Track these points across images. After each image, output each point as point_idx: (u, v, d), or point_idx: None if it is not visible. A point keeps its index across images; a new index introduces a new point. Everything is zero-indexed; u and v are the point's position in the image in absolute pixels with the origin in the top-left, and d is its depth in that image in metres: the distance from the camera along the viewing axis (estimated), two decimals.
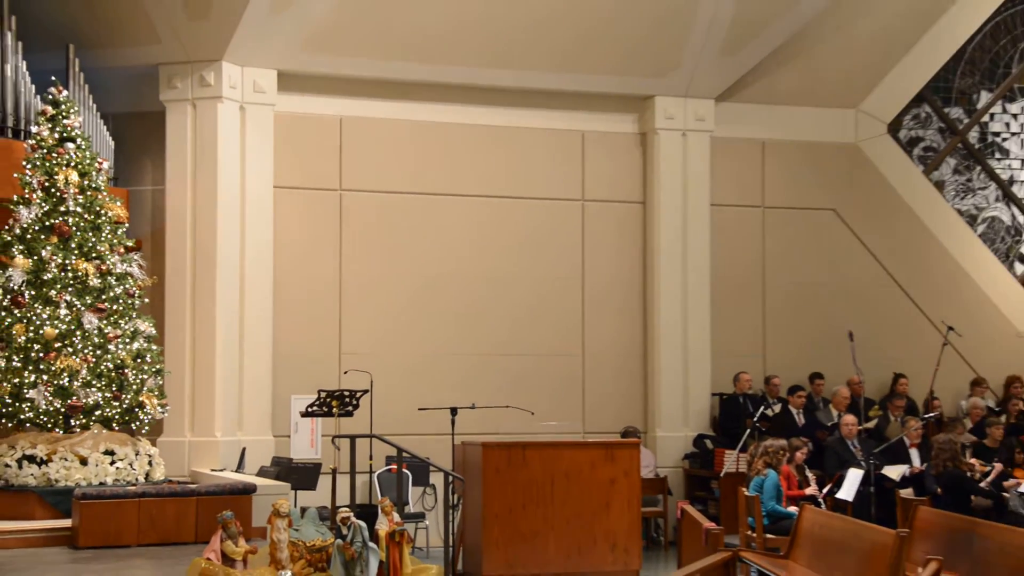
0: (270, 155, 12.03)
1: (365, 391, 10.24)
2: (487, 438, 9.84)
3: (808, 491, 10.72)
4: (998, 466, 11.11)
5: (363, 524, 7.56)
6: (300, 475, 10.73)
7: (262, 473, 10.90)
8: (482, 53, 12.23)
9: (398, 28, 11.85)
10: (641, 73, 12.79)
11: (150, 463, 10.42)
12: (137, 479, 10.18)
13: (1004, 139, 14.76)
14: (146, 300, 10.92)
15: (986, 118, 14.66)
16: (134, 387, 10.44)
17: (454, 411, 10.61)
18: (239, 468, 11.31)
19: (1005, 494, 10.87)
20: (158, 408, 10.63)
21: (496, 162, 12.84)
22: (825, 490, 10.79)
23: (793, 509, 9.68)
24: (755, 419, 11.97)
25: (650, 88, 12.98)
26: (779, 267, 13.65)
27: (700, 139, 13.22)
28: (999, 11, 14.57)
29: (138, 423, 10.55)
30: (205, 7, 11.32)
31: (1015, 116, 14.76)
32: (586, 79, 12.75)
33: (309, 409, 10.03)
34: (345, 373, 11.48)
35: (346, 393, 10.02)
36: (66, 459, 9.96)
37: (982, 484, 10.70)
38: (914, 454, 11.62)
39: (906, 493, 10.74)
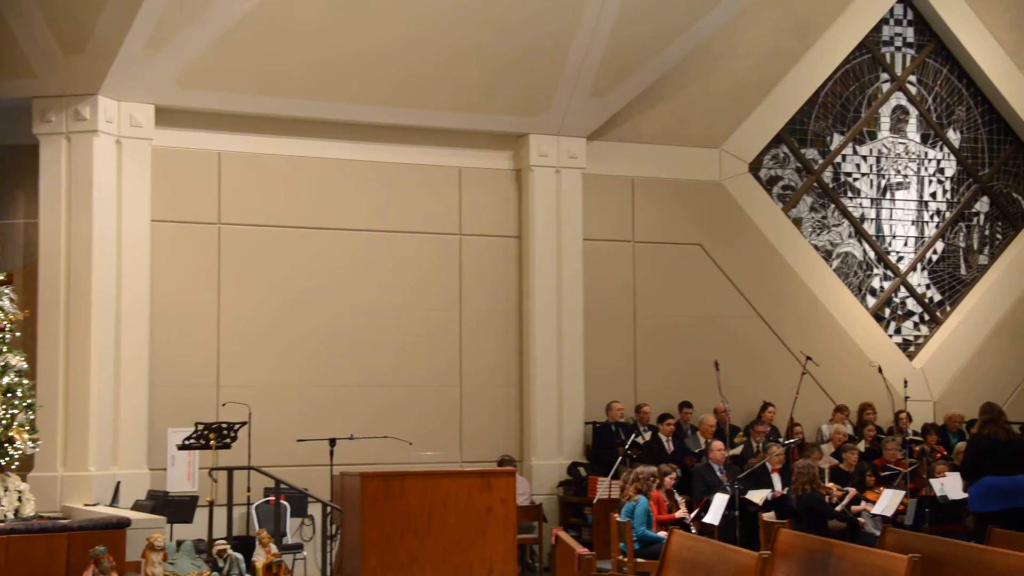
0: (147, 189, 11.76)
1: (243, 423, 10.09)
2: (366, 468, 9.82)
3: (677, 515, 10.85)
4: (851, 491, 11.44)
5: (240, 556, 7.39)
6: (176, 508, 10.44)
7: (137, 507, 10.56)
8: (360, 90, 12.20)
9: (276, 64, 11.74)
10: (515, 112, 12.91)
11: (19, 499, 9.97)
12: (5, 516, 9.74)
13: (855, 179, 15.30)
14: (17, 334, 10.49)
15: (839, 159, 15.18)
16: (3, 422, 10.00)
17: (332, 442, 10.58)
18: (113, 502, 10.94)
19: (860, 519, 11.20)
20: (29, 443, 10.19)
21: (375, 197, 12.79)
22: (693, 515, 10.93)
23: (663, 534, 9.78)
24: (626, 447, 12.08)
25: (524, 127, 13.11)
26: (649, 299, 13.85)
27: (573, 176, 13.37)
28: (848, 59, 15.14)
29: (7, 459, 10.10)
30: (80, 41, 11.04)
31: (864, 158, 15.33)
32: (462, 117, 12.81)
33: (186, 442, 9.81)
34: (223, 405, 11.25)
35: (224, 425, 9.86)
36: None
37: (838, 507, 11.00)
38: (776, 479, 11.86)
39: (768, 516, 10.95)
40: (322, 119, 12.41)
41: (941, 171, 15.63)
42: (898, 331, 15.35)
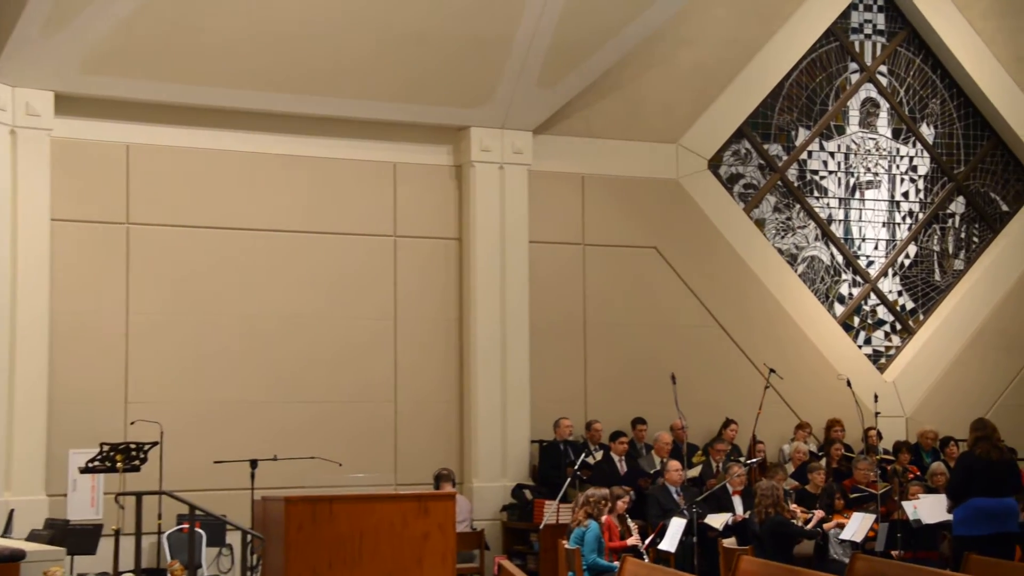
0: (46, 185, 11.60)
1: (154, 443, 10.00)
2: (290, 492, 9.76)
3: (630, 541, 10.91)
4: (819, 513, 11.58)
5: None
6: (78, 538, 10.33)
7: (33, 537, 10.41)
8: (284, 77, 12.13)
9: (190, 48, 11.63)
10: (455, 103, 12.91)
11: None
12: None
13: (822, 177, 15.50)
14: None
15: (804, 156, 15.37)
16: None
17: (254, 463, 10.55)
18: (6, 532, 10.79)
19: (823, 527, 11.34)
20: None
21: (301, 195, 12.73)
22: (648, 541, 10.99)
23: (615, 562, 9.82)
24: (576, 467, 12.12)
25: (465, 119, 13.11)
26: (600, 307, 13.91)
27: (518, 172, 13.40)
28: (814, 48, 15.33)
29: None
30: None
31: (832, 154, 15.53)
32: (397, 108, 12.78)
33: (90, 464, 9.71)
34: (132, 424, 11.14)
35: (132, 446, 9.78)
36: None
37: (808, 526, 11.12)
38: (737, 501, 11.96)
39: (729, 542, 11.04)
40: (242, 109, 12.32)
41: (914, 169, 15.90)
42: (868, 341, 15.57)
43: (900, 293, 15.76)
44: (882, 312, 15.67)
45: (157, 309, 12.13)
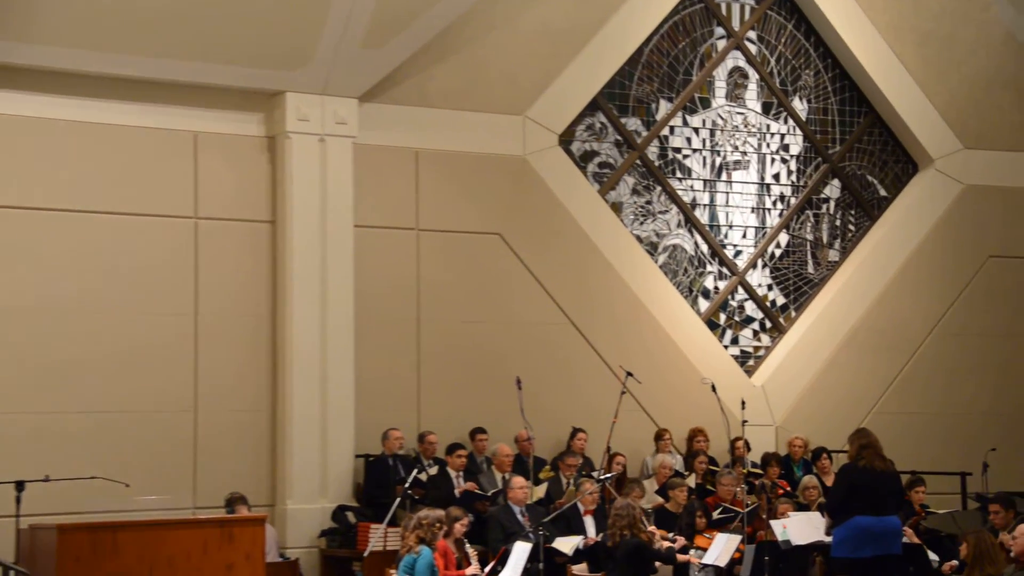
0: None
1: None
2: (65, 519, 9.75)
3: (468, 571, 10.92)
4: (680, 540, 11.72)
5: None
6: None
7: None
8: (63, 30, 11.79)
9: None
10: (268, 64, 12.78)
11: None
12: None
13: (685, 156, 15.67)
14: None
15: (665, 131, 15.53)
16: None
17: (20, 485, 10.29)
18: None
19: (687, 556, 11.50)
20: None
21: (82, 167, 12.42)
22: (488, 569, 11.01)
23: None
24: (406, 485, 12.07)
25: (279, 82, 12.97)
26: (436, 301, 13.89)
27: (341, 146, 13.30)
28: (676, 9, 15.48)
29: None
30: None
31: (696, 130, 15.72)
32: (198, 68, 12.60)
33: None
34: None
35: None
36: None
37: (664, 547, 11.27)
38: (589, 522, 12.05)
39: (579, 569, 11.11)
40: (8, 65, 11.94)
41: (785, 148, 16.21)
42: (735, 341, 15.82)
43: (770, 287, 16.06)
44: (750, 308, 15.94)
45: None
